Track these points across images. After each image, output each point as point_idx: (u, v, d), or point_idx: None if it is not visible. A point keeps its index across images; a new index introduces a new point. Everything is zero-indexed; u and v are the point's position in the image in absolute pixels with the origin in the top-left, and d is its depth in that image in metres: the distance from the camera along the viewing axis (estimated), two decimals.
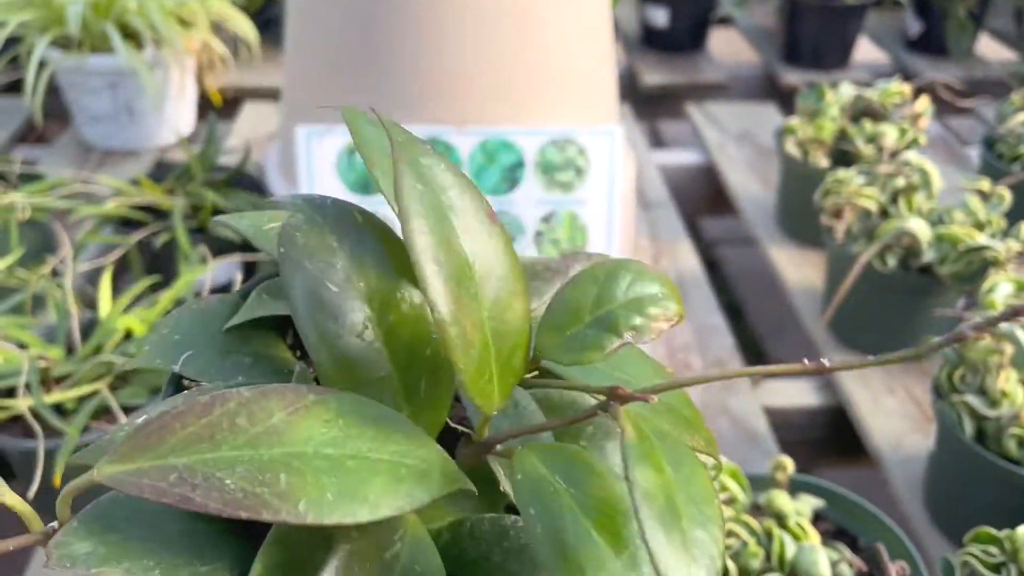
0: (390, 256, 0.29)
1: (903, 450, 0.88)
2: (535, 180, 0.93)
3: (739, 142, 1.54)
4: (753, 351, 1.26)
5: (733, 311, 1.23)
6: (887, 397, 0.95)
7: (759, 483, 0.67)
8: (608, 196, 0.93)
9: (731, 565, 0.58)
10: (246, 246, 1.02)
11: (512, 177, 0.93)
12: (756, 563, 0.57)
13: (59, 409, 0.74)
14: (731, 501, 0.62)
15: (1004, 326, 0.72)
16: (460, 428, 0.30)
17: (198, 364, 0.31)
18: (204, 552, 0.24)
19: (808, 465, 1.03)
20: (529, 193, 0.93)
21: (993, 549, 0.59)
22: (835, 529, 0.67)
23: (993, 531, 0.60)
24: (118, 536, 0.23)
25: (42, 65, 1.22)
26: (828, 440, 1.00)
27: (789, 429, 0.98)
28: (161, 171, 1.16)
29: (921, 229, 0.89)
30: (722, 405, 0.95)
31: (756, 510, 0.67)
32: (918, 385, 0.96)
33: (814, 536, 0.60)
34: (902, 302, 0.95)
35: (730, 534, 0.59)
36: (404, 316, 0.29)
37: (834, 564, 0.58)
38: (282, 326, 0.33)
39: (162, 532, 0.24)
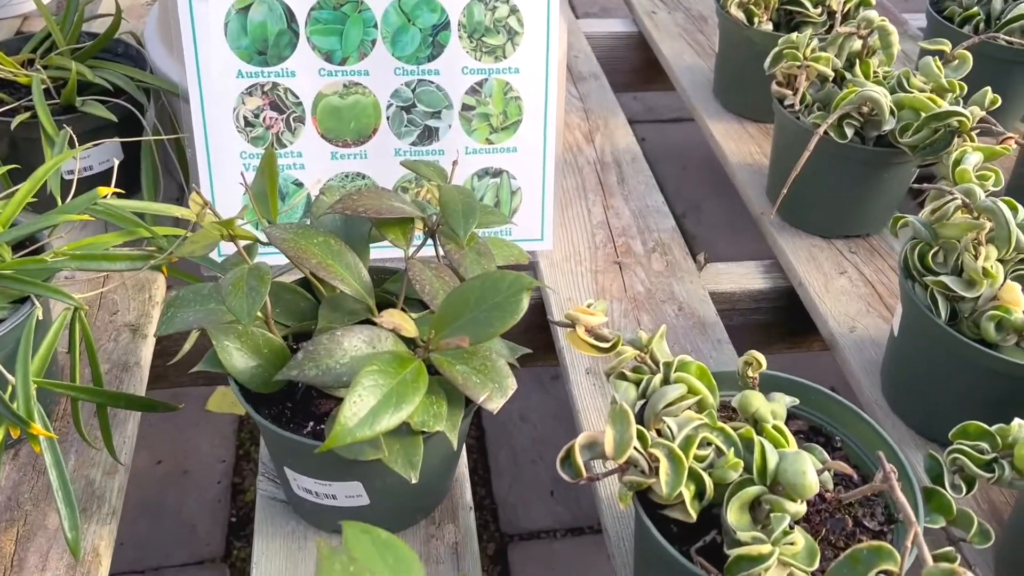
0: None
1: (858, 333, 0.83)
2: (461, 45, 0.81)
3: (671, 8, 1.43)
4: None
5: None
6: (839, 278, 0.90)
7: (724, 381, 0.60)
8: (545, 63, 0.82)
9: (706, 479, 0.51)
10: (124, 125, 0.87)
11: (434, 42, 0.81)
12: (735, 475, 0.51)
13: None
14: (701, 406, 0.56)
15: (985, 200, 0.66)
16: None
17: None
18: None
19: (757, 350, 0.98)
20: (455, 60, 0.81)
21: (984, 444, 0.54)
22: (807, 428, 0.61)
23: (983, 425, 0.55)
24: None
25: None
26: (776, 324, 0.95)
27: (736, 314, 0.93)
28: (21, 43, 0.98)
29: (883, 96, 0.81)
30: (668, 291, 0.88)
31: (725, 412, 0.60)
32: (868, 264, 0.92)
33: (792, 441, 0.54)
34: (858, 176, 0.89)
35: (705, 443, 0.52)
36: None
37: (819, 473, 0.52)
38: None
39: None
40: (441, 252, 0.62)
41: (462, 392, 0.54)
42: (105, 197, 0.67)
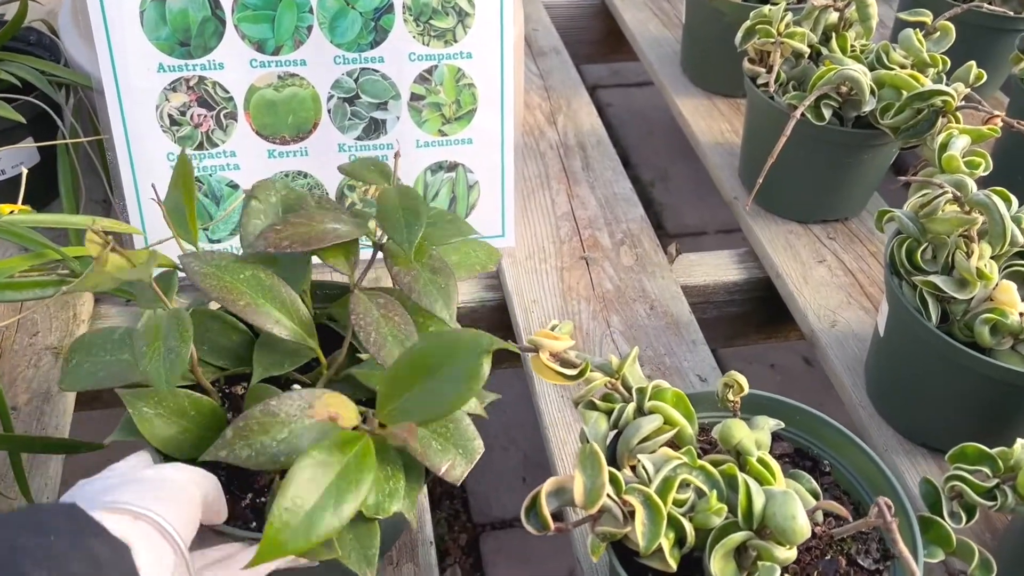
0: None
1: (839, 328, 0.78)
2: (407, 29, 0.74)
3: None
4: (643, 199, 1.13)
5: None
6: (817, 267, 0.85)
7: (701, 402, 0.55)
8: (499, 45, 0.75)
9: (687, 525, 0.46)
10: (38, 125, 0.79)
11: (377, 26, 0.73)
12: (718, 520, 0.46)
13: None
14: (679, 439, 0.50)
15: (978, 193, 0.61)
16: None
17: None
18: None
19: (732, 343, 0.93)
20: (400, 46, 0.74)
21: (983, 469, 0.50)
22: (793, 450, 0.56)
23: (982, 447, 0.51)
24: None
25: None
26: (752, 314, 0.90)
27: (711, 307, 0.88)
28: None
29: (863, 75, 0.76)
30: (639, 288, 0.82)
31: (704, 437, 0.55)
32: (848, 251, 0.87)
33: (780, 475, 0.49)
34: (836, 159, 0.84)
35: (684, 484, 0.47)
36: None
37: (810, 513, 0.47)
38: None
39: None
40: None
41: (420, 462, 0.48)
42: (11, 214, 0.60)
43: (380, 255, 0.54)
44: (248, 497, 0.50)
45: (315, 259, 0.54)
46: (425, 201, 0.56)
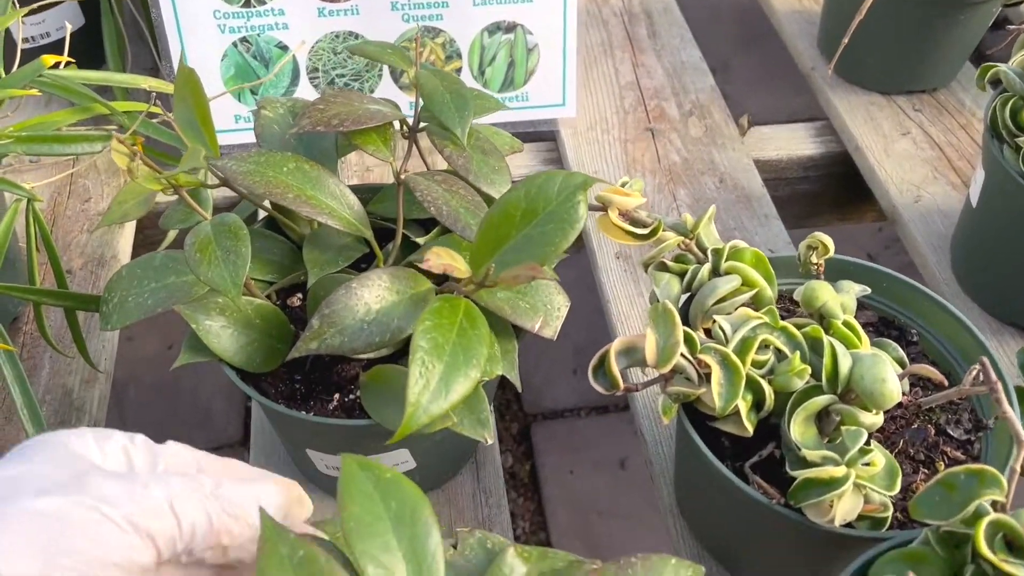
0: None
1: (924, 203, 0.73)
2: None
3: None
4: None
5: None
6: (901, 140, 0.79)
7: (780, 267, 0.51)
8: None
9: (766, 388, 0.43)
10: None
11: None
12: (800, 382, 0.43)
13: None
14: (758, 300, 0.47)
15: None
16: None
17: None
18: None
19: (804, 224, 0.89)
20: (463, 6, 0.69)
21: None
22: (877, 319, 0.53)
23: None
24: None
25: None
26: (825, 194, 0.85)
27: (782, 184, 0.83)
28: None
29: None
30: (707, 161, 0.78)
31: (782, 304, 0.52)
32: (936, 123, 0.81)
33: (866, 341, 0.46)
34: (925, 21, 0.77)
35: (764, 346, 0.44)
36: None
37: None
38: None
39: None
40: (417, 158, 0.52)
41: (510, 322, 0.45)
42: (56, 67, 0.58)
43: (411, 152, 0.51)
44: (335, 398, 0.48)
45: None
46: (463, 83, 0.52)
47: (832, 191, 0.84)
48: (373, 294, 0.44)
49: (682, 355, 0.43)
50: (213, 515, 0.31)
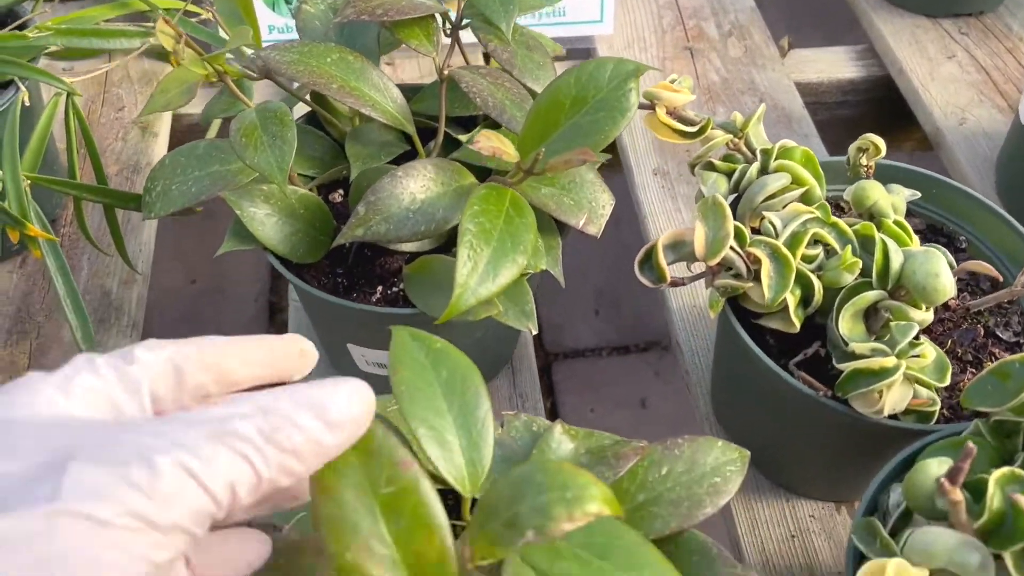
0: None
1: (968, 126, 0.72)
2: None
3: None
4: None
5: None
6: (946, 63, 0.77)
7: (828, 171, 0.51)
8: None
9: (815, 282, 0.43)
10: None
11: None
12: (850, 277, 0.43)
13: None
14: (807, 199, 0.46)
15: None
16: None
17: None
18: None
19: (842, 151, 0.87)
20: None
21: None
22: (925, 227, 0.52)
23: None
24: None
25: None
26: (864, 119, 0.83)
27: (821, 108, 0.81)
28: None
29: None
30: (747, 81, 0.76)
31: (833, 212, 0.51)
32: (982, 46, 0.79)
33: (917, 241, 0.45)
34: None
35: (813, 242, 0.44)
36: None
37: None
38: None
39: None
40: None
41: (555, 217, 0.45)
42: None
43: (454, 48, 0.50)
44: (378, 290, 0.48)
45: None
46: None
47: (871, 117, 0.83)
48: (418, 184, 0.44)
49: (731, 248, 0.42)
50: (259, 462, 0.22)
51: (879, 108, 0.82)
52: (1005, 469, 0.33)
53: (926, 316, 0.42)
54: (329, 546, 0.23)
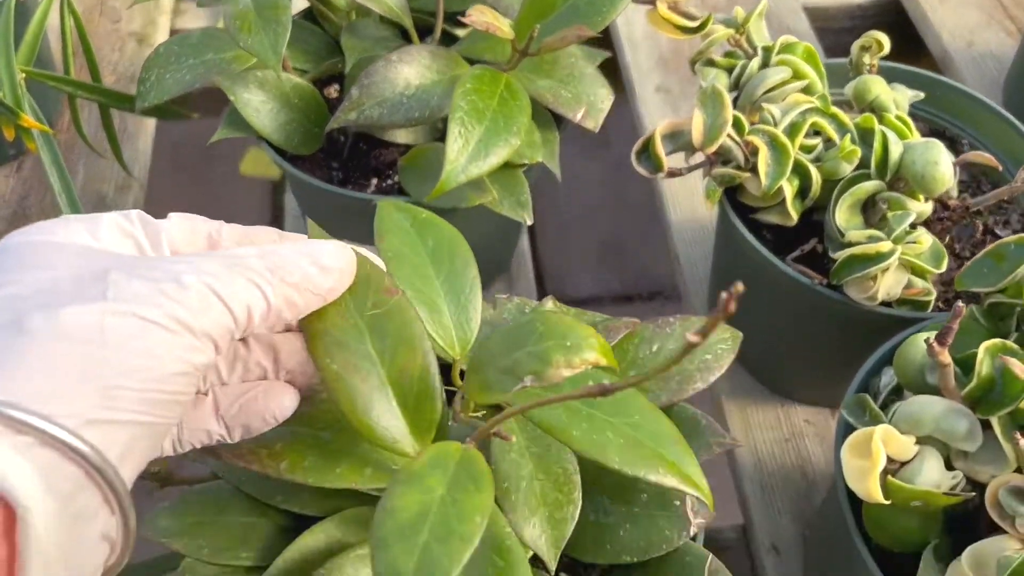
0: None
1: (976, 48, 0.71)
2: None
3: None
4: None
5: None
6: None
7: (832, 74, 0.50)
8: None
9: (813, 172, 0.42)
10: None
11: None
12: (848, 167, 0.42)
13: None
14: (808, 92, 0.46)
15: None
16: None
17: None
18: (250, 542, 0.31)
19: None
20: None
21: None
22: (928, 130, 0.51)
23: None
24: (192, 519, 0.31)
25: None
26: None
27: (828, 33, 0.80)
28: None
29: None
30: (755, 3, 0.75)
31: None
32: None
33: (918, 135, 0.44)
34: None
35: (812, 132, 0.43)
36: None
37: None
38: None
39: (226, 521, 0.32)
40: None
41: (552, 111, 0.45)
42: None
43: None
44: (372, 183, 0.47)
45: None
46: None
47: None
48: (414, 70, 0.43)
49: (729, 137, 0.42)
50: (269, 291, 0.24)
51: (887, 33, 0.81)
52: (996, 340, 0.32)
53: (924, 207, 0.42)
54: (317, 359, 0.23)
